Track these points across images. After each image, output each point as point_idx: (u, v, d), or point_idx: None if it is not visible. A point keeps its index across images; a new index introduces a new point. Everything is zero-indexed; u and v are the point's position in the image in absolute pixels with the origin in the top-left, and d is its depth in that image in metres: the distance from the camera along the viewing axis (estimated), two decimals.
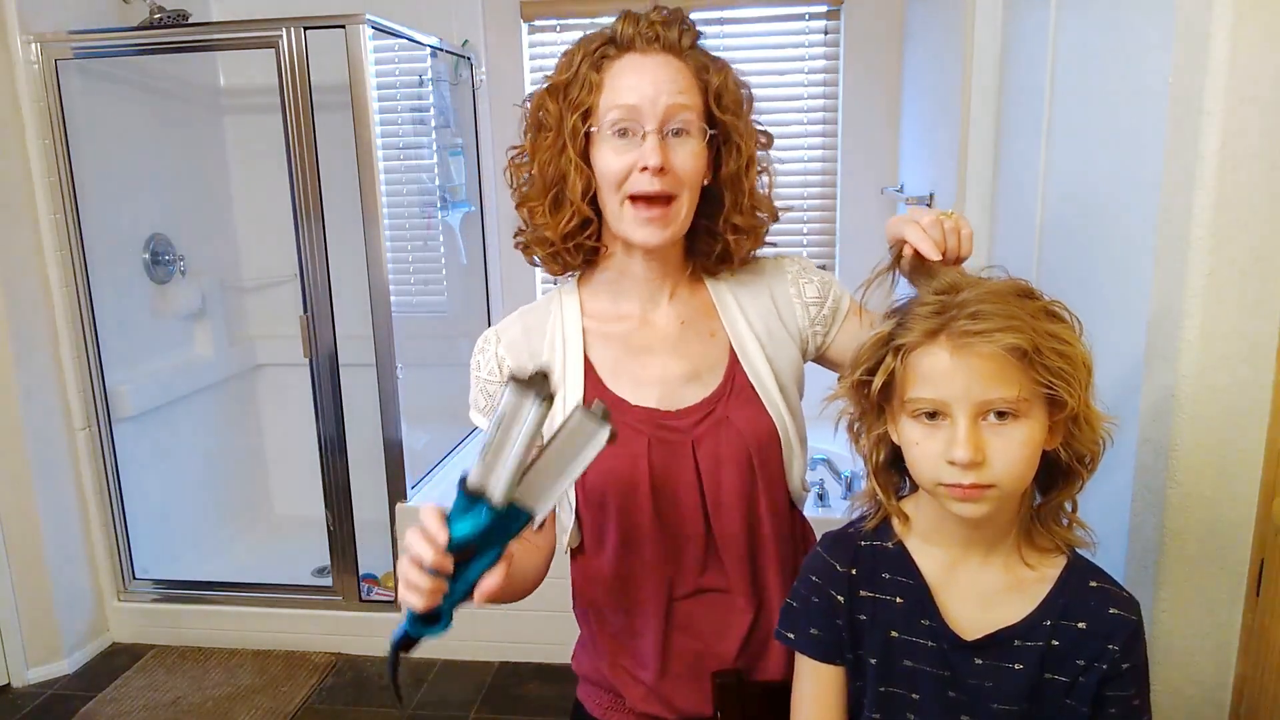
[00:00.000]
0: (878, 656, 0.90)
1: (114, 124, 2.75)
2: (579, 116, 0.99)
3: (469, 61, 3.07)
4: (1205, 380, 1.08)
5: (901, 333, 0.83)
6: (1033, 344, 0.77)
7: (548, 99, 1.02)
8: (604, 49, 1.00)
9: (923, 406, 0.82)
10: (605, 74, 0.99)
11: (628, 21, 1.00)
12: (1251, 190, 1.02)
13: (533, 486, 0.80)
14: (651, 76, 0.98)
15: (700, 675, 1.07)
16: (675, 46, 1.01)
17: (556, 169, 1.01)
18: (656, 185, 0.97)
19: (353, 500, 2.69)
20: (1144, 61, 1.21)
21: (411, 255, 3.19)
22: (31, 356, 2.50)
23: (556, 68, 1.03)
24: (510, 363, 1.08)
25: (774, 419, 1.05)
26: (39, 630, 2.58)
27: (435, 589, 0.80)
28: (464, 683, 2.53)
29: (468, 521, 0.79)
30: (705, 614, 1.07)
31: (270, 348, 3.39)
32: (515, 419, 0.78)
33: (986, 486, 0.80)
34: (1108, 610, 0.85)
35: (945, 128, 2.25)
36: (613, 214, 1.01)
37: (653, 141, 0.97)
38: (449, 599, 0.82)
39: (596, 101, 0.99)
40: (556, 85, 1.01)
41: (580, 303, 1.10)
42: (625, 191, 0.99)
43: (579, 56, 1.01)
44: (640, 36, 0.99)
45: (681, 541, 1.05)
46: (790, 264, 1.15)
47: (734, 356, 1.07)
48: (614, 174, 0.99)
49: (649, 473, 1.02)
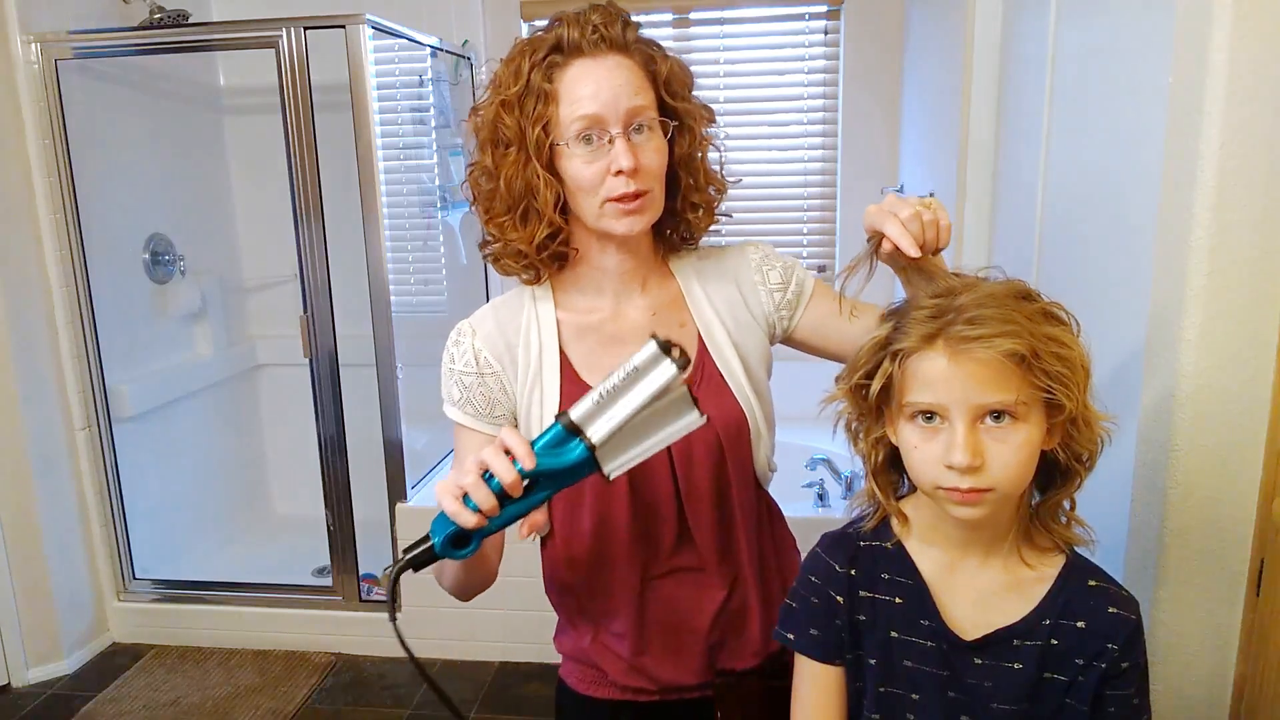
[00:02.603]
0: (877, 657, 0.90)
1: (114, 124, 2.75)
2: (541, 129, 0.99)
3: (469, 61, 3.06)
4: (1205, 380, 1.08)
5: (899, 337, 0.83)
6: (1030, 348, 0.77)
7: (503, 113, 1.01)
8: (551, 57, 1.00)
9: (920, 410, 0.82)
10: (558, 83, 0.99)
11: (570, 26, 0.99)
12: (1251, 190, 1.02)
13: (616, 444, 0.81)
14: (609, 81, 0.98)
15: (678, 649, 1.11)
16: (622, 44, 1.01)
17: (523, 182, 1.02)
18: (632, 186, 0.99)
19: (353, 500, 2.69)
20: (1144, 62, 1.21)
21: (411, 255, 3.19)
22: (31, 356, 2.50)
23: (500, 80, 1.03)
24: (487, 354, 1.09)
25: (743, 407, 1.09)
26: (39, 630, 2.58)
27: (492, 510, 0.79)
28: (464, 683, 2.53)
29: (555, 455, 0.79)
30: (679, 591, 1.11)
31: (270, 348, 3.39)
32: (644, 374, 0.78)
33: (985, 490, 0.80)
34: (1107, 609, 0.85)
35: (945, 128, 2.25)
36: (590, 215, 1.03)
37: (621, 145, 0.98)
38: (488, 526, 0.82)
39: (555, 113, 0.99)
40: (509, 100, 1.01)
41: (554, 298, 1.11)
42: (603, 195, 1.00)
43: (526, 66, 1.00)
44: (586, 40, 0.99)
45: (655, 525, 1.08)
46: (754, 251, 1.17)
47: (703, 346, 1.10)
48: (587, 181, 1.00)
49: None
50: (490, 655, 2.63)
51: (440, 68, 2.97)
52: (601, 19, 1.00)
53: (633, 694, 1.13)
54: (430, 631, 2.65)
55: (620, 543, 1.08)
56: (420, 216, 3.13)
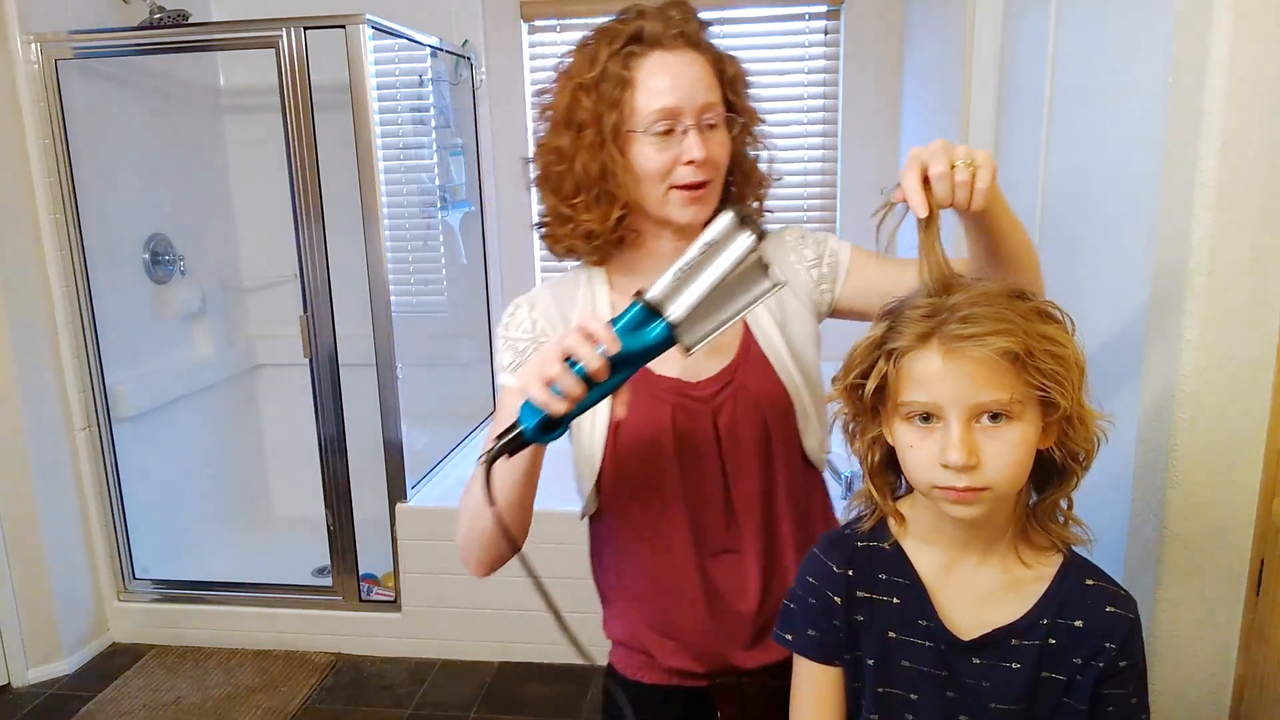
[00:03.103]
0: (875, 657, 0.90)
1: (114, 124, 2.75)
2: (616, 114, 1.03)
3: (469, 61, 3.07)
4: (1205, 380, 1.08)
5: (893, 336, 0.83)
6: (1025, 347, 0.77)
7: (581, 95, 1.05)
8: (630, 46, 1.03)
9: (916, 409, 0.81)
10: (635, 72, 1.03)
11: (654, 19, 1.03)
12: (1251, 190, 1.02)
13: (694, 320, 0.82)
14: (686, 75, 1.03)
15: (724, 632, 1.11)
16: (697, 42, 1.05)
17: (599, 165, 1.05)
18: (700, 175, 1.04)
19: (353, 500, 2.69)
20: (1144, 61, 1.21)
21: (411, 255, 3.19)
22: (31, 356, 2.50)
23: (574, 65, 1.06)
24: (544, 324, 1.12)
25: (787, 387, 1.10)
26: (39, 630, 2.58)
27: (579, 396, 0.80)
28: (464, 683, 2.53)
29: (636, 336, 0.80)
30: (724, 574, 1.12)
31: (270, 348, 3.39)
32: (721, 247, 0.79)
33: (981, 489, 0.79)
34: (1105, 608, 0.85)
35: (945, 128, 2.25)
36: (654, 202, 1.06)
37: (694, 137, 1.03)
38: (575, 410, 0.82)
39: (631, 100, 1.03)
40: (587, 84, 1.04)
41: (608, 279, 1.14)
42: (669, 183, 1.05)
43: (603, 54, 1.03)
44: (667, 34, 1.03)
45: (703, 503, 1.10)
46: (789, 234, 1.19)
47: (747, 329, 1.12)
48: (655, 169, 1.04)
49: (673, 438, 1.08)
50: (490, 655, 2.63)
51: (440, 68, 2.97)
52: (682, 16, 1.04)
53: (680, 678, 1.15)
54: (430, 631, 2.65)
55: (670, 521, 1.10)
56: (420, 216, 3.14)
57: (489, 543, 1.05)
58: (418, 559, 2.63)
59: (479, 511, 1.00)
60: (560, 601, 0.92)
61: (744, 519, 1.11)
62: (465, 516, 1.06)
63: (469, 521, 1.05)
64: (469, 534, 1.06)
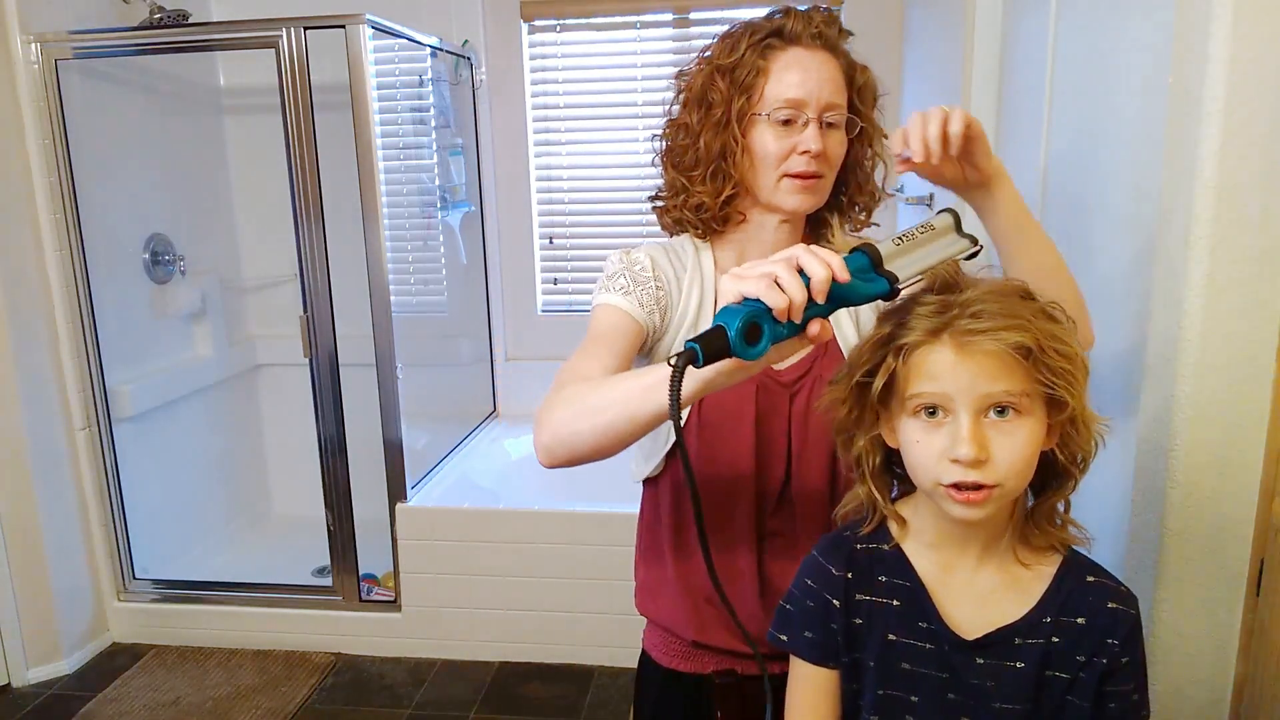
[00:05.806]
0: (876, 660, 0.90)
1: (114, 124, 2.74)
2: (745, 99, 1.09)
3: (469, 61, 3.07)
4: (1205, 380, 1.08)
5: (903, 333, 0.83)
6: (1036, 342, 0.78)
7: (717, 77, 1.10)
8: (770, 40, 1.09)
9: (924, 401, 0.81)
10: (771, 62, 1.09)
11: (797, 19, 1.09)
12: (1251, 190, 1.02)
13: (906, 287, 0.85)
14: (817, 73, 1.09)
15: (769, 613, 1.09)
16: (834, 46, 1.11)
17: (720, 143, 1.10)
18: (813, 166, 1.09)
19: (353, 500, 2.69)
20: (1144, 61, 1.21)
21: (411, 255, 3.19)
22: (31, 357, 2.50)
23: (716, 51, 1.12)
24: (659, 272, 1.15)
25: None
26: (39, 630, 2.58)
27: (801, 300, 0.78)
28: (464, 683, 2.53)
29: (860, 281, 0.81)
30: (774, 557, 1.16)
31: (270, 348, 3.39)
32: (941, 236, 0.85)
33: (991, 487, 0.79)
34: (1106, 604, 0.85)
35: None
36: (765, 187, 1.11)
37: (813, 130, 1.08)
38: (781, 329, 0.80)
39: (763, 87, 1.09)
40: (724, 66, 1.10)
41: (714, 254, 1.19)
42: (782, 170, 1.10)
43: (744, 44, 1.10)
44: (808, 34, 1.09)
45: (766, 481, 1.15)
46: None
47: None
48: (773, 155, 1.09)
49: (754, 412, 1.13)
50: (490, 655, 2.63)
51: (440, 68, 2.96)
52: (824, 20, 1.10)
53: (719, 658, 1.18)
54: (430, 631, 2.65)
55: (738, 492, 1.14)
56: (420, 216, 3.13)
57: (602, 429, 0.92)
58: (418, 559, 2.63)
59: (626, 401, 0.90)
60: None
61: (801, 505, 1.14)
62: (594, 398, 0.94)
63: (598, 401, 0.93)
64: (583, 413, 0.94)
